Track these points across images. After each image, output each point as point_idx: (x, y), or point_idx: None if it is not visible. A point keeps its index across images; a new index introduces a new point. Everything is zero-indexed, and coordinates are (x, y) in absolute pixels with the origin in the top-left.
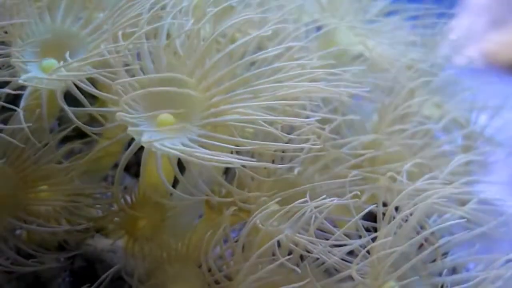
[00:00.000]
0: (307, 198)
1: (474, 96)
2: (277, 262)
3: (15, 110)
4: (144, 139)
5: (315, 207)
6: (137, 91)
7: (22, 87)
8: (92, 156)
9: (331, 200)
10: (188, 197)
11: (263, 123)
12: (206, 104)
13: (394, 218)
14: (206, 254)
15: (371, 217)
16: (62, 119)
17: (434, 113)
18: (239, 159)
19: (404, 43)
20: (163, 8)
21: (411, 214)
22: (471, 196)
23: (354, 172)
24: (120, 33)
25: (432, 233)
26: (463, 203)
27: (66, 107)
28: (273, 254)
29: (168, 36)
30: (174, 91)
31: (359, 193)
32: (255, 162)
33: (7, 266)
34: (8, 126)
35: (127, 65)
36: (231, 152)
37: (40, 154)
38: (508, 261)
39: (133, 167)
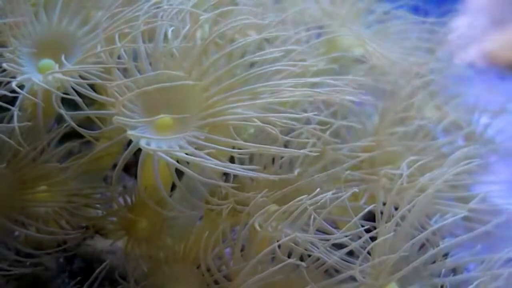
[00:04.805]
0: (304, 196)
1: (475, 97)
2: (280, 265)
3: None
4: (142, 142)
5: (311, 204)
6: (132, 92)
7: (20, 87)
8: (92, 157)
9: (326, 195)
10: (184, 210)
11: (261, 123)
12: (204, 105)
13: (393, 216)
14: (205, 254)
15: (371, 217)
16: (60, 120)
17: (434, 114)
18: (237, 166)
19: (405, 45)
20: (159, 8)
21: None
22: (471, 194)
23: (350, 172)
24: (117, 34)
25: (433, 233)
26: (464, 202)
27: (62, 111)
28: (273, 254)
29: (165, 37)
30: (170, 86)
31: (357, 190)
32: (252, 172)
33: (6, 268)
34: (4, 125)
35: (124, 69)
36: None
37: (38, 153)
38: (508, 260)
39: (133, 168)
